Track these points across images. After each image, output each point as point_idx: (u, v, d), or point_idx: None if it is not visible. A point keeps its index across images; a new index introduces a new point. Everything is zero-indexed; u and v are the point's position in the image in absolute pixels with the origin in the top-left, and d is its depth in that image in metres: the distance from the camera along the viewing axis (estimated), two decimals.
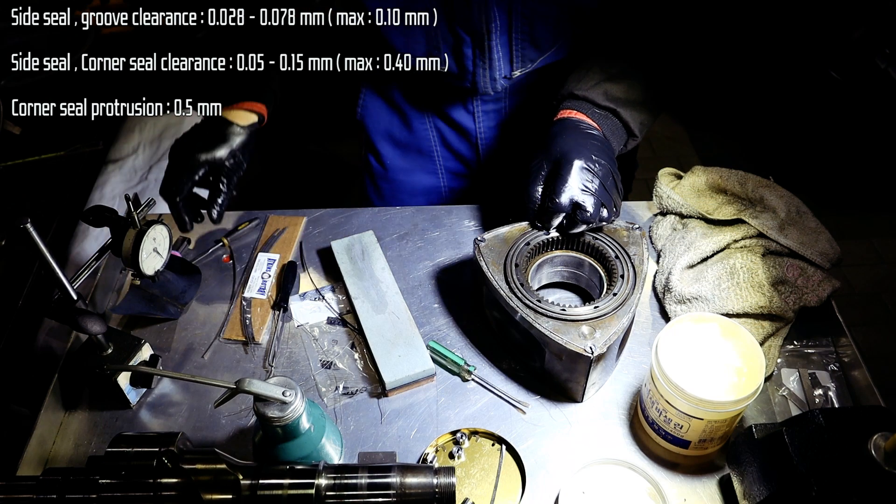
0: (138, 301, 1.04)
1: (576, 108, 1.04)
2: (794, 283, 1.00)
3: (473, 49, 1.12)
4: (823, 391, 0.96)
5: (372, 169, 1.39)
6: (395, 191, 1.39)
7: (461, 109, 1.27)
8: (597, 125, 1.03)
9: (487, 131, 1.28)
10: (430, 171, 1.38)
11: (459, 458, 0.89)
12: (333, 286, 1.12)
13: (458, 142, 1.32)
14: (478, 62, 1.14)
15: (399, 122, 1.33)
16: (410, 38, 1.11)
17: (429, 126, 1.32)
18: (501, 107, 1.25)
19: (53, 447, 0.93)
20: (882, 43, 2.20)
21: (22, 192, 1.58)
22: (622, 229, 1.01)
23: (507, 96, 1.24)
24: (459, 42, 1.12)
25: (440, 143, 1.34)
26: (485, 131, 1.28)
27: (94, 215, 0.97)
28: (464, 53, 1.13)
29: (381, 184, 1.40)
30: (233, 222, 1.22)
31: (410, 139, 1.34)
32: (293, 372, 1.01)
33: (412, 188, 1.39)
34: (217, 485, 0.74)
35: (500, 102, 1.25)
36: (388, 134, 1.35)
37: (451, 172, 1.38)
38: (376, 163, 1.38)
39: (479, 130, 1.28)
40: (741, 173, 1.13)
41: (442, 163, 1.37)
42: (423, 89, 1.27)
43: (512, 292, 0.93)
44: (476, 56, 1.13)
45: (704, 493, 0.86)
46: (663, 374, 0.81)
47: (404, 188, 1.39)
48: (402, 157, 1.37)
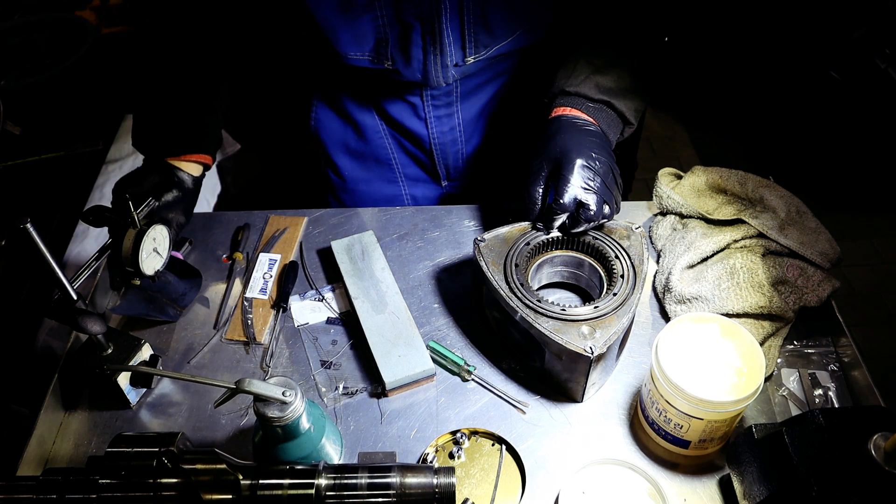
0: (138, 302, 1.04)
1: (569, 105, 1.04)
2: (794, 283, 1.00)
3: (423, 35, 1.08)
4: (823, 391, 0.96)
5: (331, 181, 1.37)
6: (356, 202, 1.37)
7: (412, 116, 1.23)
8: (593, 120, 1.03)
9: (440, 136, 1.25)
10: (390, 179, 1.35)
11: (459, 458, 0.89)
12: (333, 286, 1.12)
13: (414, 148, 1.30)
14: (428, 48, 1.09)
15: (353, 132, 1.29)
16: (357, 31, 1.07)
17: (383, 134, 1.29)
18: (453, 111, 1.22)
19: (53, 447, 0.93)
20: (882, 43, 2.21)
21: (22, 192, 1.58)
22: (622, 229, 1.01)
23: (459, 98, 1.21)
24: (408, 29, 1.07)
25: (398, 150, 1.31)
26: (438, 136, 1.25)
27: (94, 215, 0.97)
28: (412, 40, 1.08)
29: (341, 196, 1.38)
30: (234, 224, 1.22)
31: (366, 149, 1.31)
32: (293, 372, 1.01)
33: (373, 198, 1.36)
34: (217, 485, 0.74)
35: (451, 107, 1.22)
36: (343, 145, 1.32)
37: (412, 179, 1.35)
38: (335, 175, 1.36)
39: (433, 136, 1.25)
40: (741, 173, 1.13)
41: (401, 170, 1.34)
42: (373, 92, 1.23)
43: (512, 292, 0.93)
44: (427, 42, 1.08)
45: (704, 493, 0.86)
46: (663, 374, 0.81)
47: (366, 198, 1.36)
48: (360, 168, 1.34)
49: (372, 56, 1.10)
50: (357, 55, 1.10)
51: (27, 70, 1.74)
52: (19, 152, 1.57)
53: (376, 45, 1.09)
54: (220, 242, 1.19)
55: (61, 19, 1.90)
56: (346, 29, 1.06)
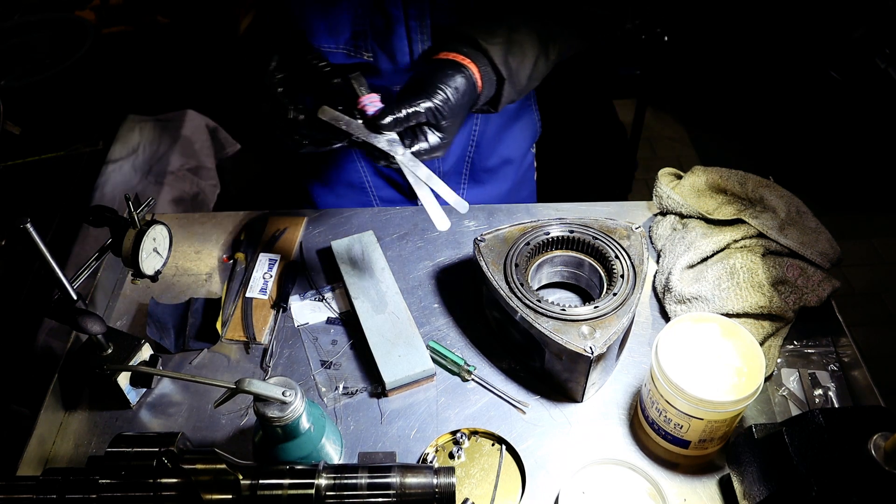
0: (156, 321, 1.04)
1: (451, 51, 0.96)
2: (794, 283, 1.00)
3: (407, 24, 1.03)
4: (823, 391, 0.96)
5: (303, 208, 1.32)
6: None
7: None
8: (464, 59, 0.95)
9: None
10: (364, 203, 1.32)
11: (459, 458, 0.89)
12: (333, 286, 1.12)
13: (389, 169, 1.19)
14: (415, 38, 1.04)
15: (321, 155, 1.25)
16: (334, 20, 1.02)
17: (355, 156, 1.25)
18: None
19: (53, 447, 0.93)
20: (882, 43, 2.21)
21: (22, 192, 1.58)
22: (622, 229, 1.01)
23: None
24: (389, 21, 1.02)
25: (371, 174, 1.28)
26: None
27: (94, 215, 0.97)
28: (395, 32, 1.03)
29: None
30: (234, 224, 1.22)
31: (335, 174, 1.28)
32: (293, 372, 1.01)
33: None
34: (217, 485, 0.74)
35: None
36: (311, 169, 1.29)
37: (388, 202, 1.33)
38: (308, 205, 1.33)
39: None
40: (741, 173, 1.13)
41: (375, 193, 1.31)
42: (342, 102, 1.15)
43: (512, 292, 0.93)
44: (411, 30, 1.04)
45: (704, 493, 0.86)
46: (663, 374, 0.81)
47: None
48: (331, 193, 1.31)
49: (348, 49, 1.05)
50: (331, 48, 1.05)
51: (27, 70, 1.74)
52: (19, 152, 1.57)
53: (353, 36, 1.04)
54: (220, 242, 1.19)
55: (61, 19, 1.91)
56: (320, 17, 1.02)
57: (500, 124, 1.29)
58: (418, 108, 0.87)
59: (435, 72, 0.90)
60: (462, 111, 0.92)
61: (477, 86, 0.94)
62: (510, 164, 1.35)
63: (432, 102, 0.88)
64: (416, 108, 0.87)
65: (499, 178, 1.36)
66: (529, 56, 1.00)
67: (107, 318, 1.09)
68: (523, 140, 1.36)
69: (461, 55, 0.93)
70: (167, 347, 1.02)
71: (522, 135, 1.36)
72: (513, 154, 1.35)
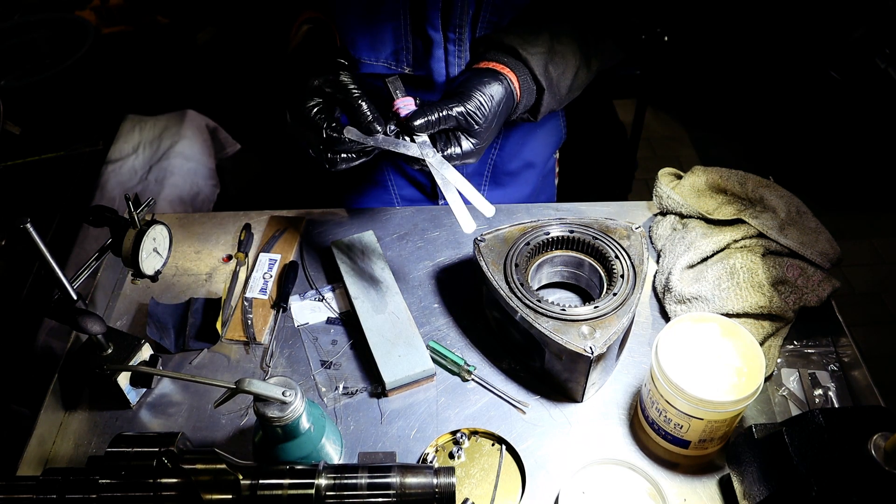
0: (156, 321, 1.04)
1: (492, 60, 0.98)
2: (794, 283, 1.00)
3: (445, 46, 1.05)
4: (823, 391, 0.96)
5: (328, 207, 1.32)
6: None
7: None
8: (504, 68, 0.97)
9: None
10: (386, 201, 1.33)
11: (459, 458, 0.89)
12: (333, 286, 1.12)
13: (413, 170, 1.25)
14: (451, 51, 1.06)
15: None
16: (376, 38, 1.05)
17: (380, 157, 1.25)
18: None
19: (53, 447, 0.93)
20: (882, 43, 2.21)
21: (22, 192, 1.58)
22: (622, 229, 1.01)
23: None
24: (429, 44, 1.05)
25: (393, 172, 1.29)
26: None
27: (94, 215, 0.97)
28: (433, 55, 1.06)
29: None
30: (234, 224, 1.22)
31: (362, 172, 1.28)
32: (293, 372, 1.01)
33: None
34: (217, 485, 0.74)
35: None
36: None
37: (409, 200, 1.33)
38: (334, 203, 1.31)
39: None
40: (741, 173, 1.13)
41: (397, 191, 1.32)
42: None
43: (512, 292, 0.93)
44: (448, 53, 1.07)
45: (704, 493, 0.86)
46: (663, 374, 0.81)
47: None
48: (354, 191, 1.31)
49: (389, 63, 1.08)
50: (372, 61, 1.08)
51: (27, 70, 1.74)
52: (19, 152, 1.58)
53: (394, 52, 1.07)
54: (220, 242, 1.19)
55: (61, 19, 1.91)
56: (364, 33, 1.04)
57: (526, 128, 1.28)
58: (450, 111, 0.89)
59: (472, 79, 0.93)
60: (497, 119, 0.94)
61: (515, 95, 0.95)
62: (532, 168, 1.34)
63: (464, 107, 0.89)
64: (448, 112, 0.89)
65: (520, 182, 1.35)
66: (571, 66, 1.02)
67: (107, 318, 1.09)
68: (547, 145, 1.36)
69: (501, 64, 0.95)
70: (167, 347, 1.02)
71: (547, 140, 1.35)
72: (536, 158, 1.34)
